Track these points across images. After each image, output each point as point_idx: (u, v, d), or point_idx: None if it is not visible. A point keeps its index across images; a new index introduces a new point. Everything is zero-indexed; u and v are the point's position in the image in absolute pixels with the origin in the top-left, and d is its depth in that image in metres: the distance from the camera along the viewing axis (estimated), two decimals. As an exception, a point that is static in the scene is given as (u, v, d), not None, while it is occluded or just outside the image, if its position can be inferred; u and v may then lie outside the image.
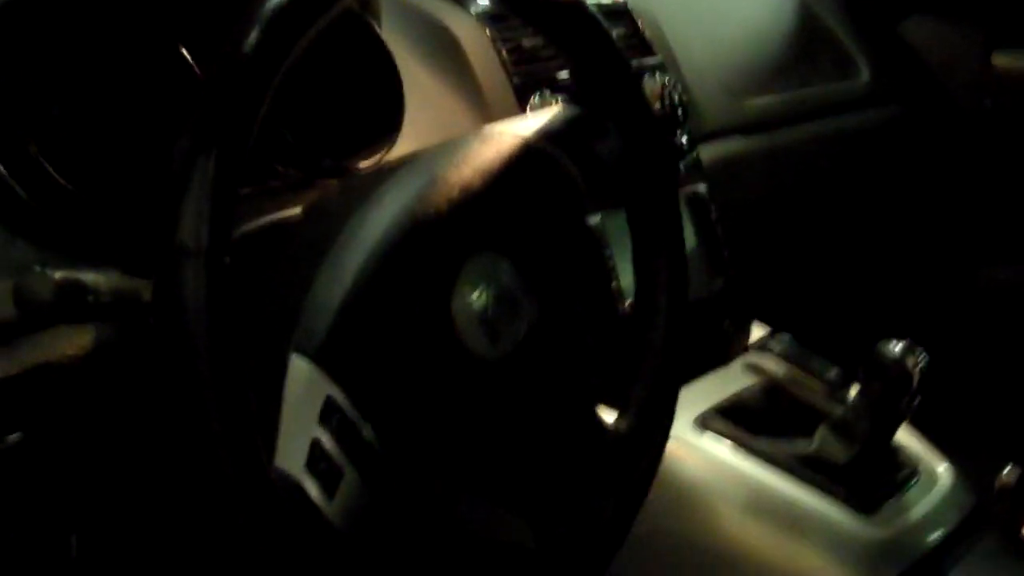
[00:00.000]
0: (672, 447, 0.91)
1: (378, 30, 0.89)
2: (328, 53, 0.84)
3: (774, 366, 1.07)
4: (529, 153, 0.74)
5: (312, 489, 0.59)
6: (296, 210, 0.73)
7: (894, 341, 0.97)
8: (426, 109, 0.93)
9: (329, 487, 0.59)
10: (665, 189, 0.80)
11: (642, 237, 0.79)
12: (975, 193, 1.63)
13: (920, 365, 0.96)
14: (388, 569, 0.64)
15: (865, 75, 1.49)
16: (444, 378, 0.66)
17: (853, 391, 1.00)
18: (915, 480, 1.02)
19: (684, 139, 1.15)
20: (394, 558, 0.65)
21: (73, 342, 0.66)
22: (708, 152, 1.19)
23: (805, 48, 1.44)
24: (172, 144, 0.59)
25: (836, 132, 1.44)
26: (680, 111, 1.14)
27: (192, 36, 0.77)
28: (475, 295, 0.67)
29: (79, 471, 0.70)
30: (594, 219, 0.92)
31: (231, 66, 0.55)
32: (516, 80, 1.00)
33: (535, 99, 1.00)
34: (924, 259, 1.66)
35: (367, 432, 0.61)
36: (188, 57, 0.76)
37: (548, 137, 0.76)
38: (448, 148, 0.72)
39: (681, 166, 1.14)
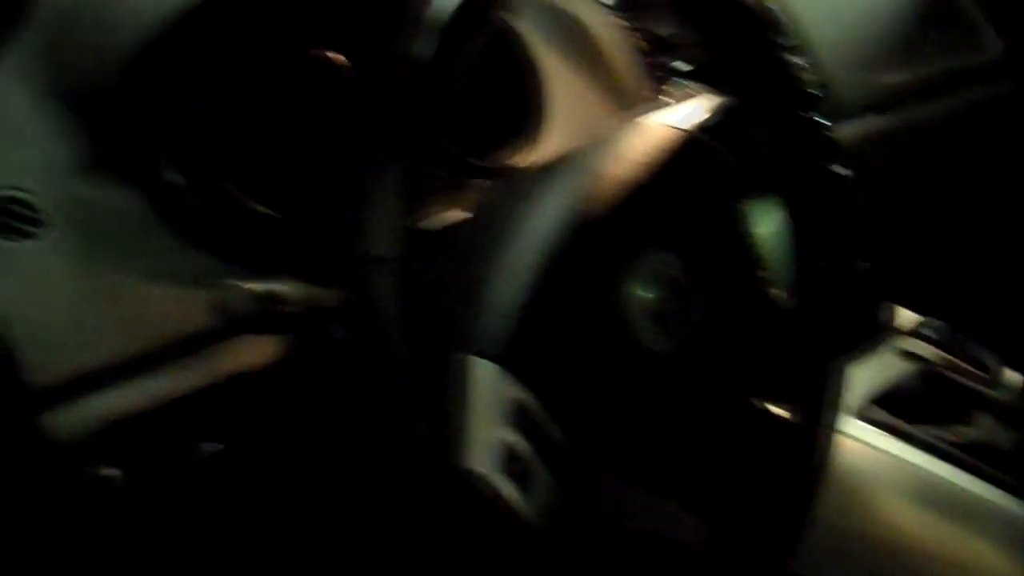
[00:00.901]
0: (841, 443, 0.90)
1: (512, 25, 0.89)
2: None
3: (929, 352, 1.05)
4: (687, 144, 0.73)
5: (507, 488, 0.59)
6: (453, 212, 0.74)
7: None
8: (565, 103, 0.92)
9: (523, 486, 0.59)
10: (825, 174, 0.79)
11: (801, 223, 0.78)
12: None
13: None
14: (577, 565, 0.64)
15: (997, 46, 1.45)
16: (619, 373, 0.66)
17: (1012, 376, 0.97)
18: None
19: (822, 119, 1.12)
20: (581, 554, 0.64)
21: (258, 351, 0.68)
22: (846, 132, 1.17)
23: (935, 21, 1.41)
24: (335, 153, 0.59)
25: (969, 105, 1.40)
26: (818, 90, 1.12)
27: (339, 42, 0.78)
28: (645, 289, 0.67)
29: (275, 478, 0.72)
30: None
31: (408, 76, 0.55)
32: (652, 69, 0.99)
33: (672, 88, 0.98)
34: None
35: (554, 431, 0.61)
36: (339, 64, 0.77)
37: (703, 127, 0.75)
38: (606, 143, 0.71)
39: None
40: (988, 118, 1.44)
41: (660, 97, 1.00)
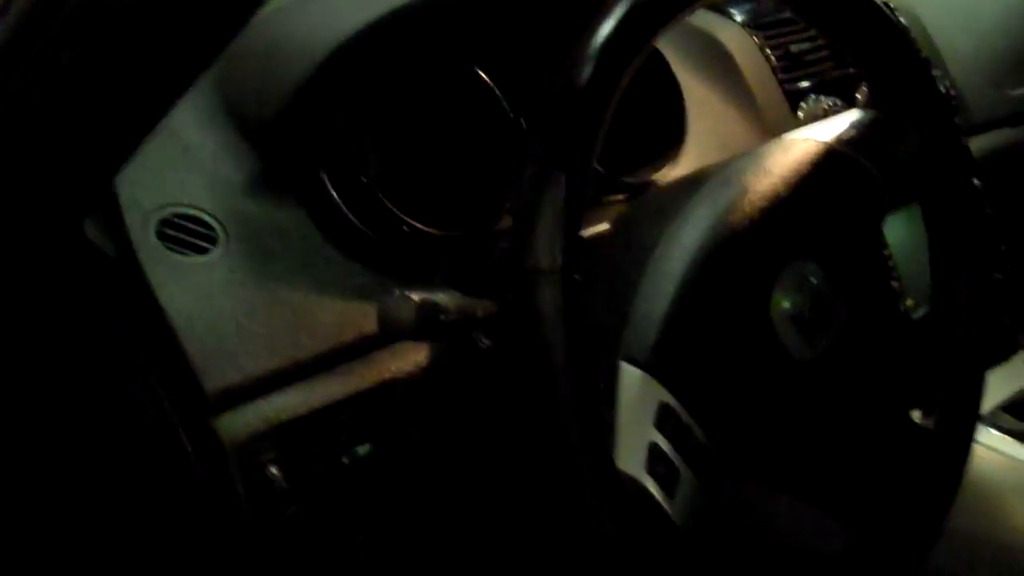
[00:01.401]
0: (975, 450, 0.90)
1: (656, 46, 0.91)
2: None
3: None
4: (832, 158, 0.74)
5: (654, 490, 0.61)
6: (600, 226, 0.76)
7: None
8: (703, 120, 0.94)
9: (669, 488, 0.62)
10: (966, 186, 0.80)
11: (943, 235, 0.79)
12: None
13: None
14: (719, 568, 0.66)
15: None
16: (765, 380, 0.68)
17: None
18: None
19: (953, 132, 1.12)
20: (725, 557, 0.66)
21: (412, 359, 0.71)
22: (976, 145, 1.17)
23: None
24: (487, 170, 0.62)
25: None
26: (951, 103, 1.12)
27: (490, 60, 0.82)
28: (790, 299, 0.69)
29: (421, 481, 0.75)
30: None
31: (573, 96, 0.58)
32: (787, 86, 1.01)
33: (808, 104, 1.00)
34: None
35: (700, 435, 0.63)
36: (489, 82, 0.80)
37: (849, 142, 0.76)
38: (752, 158, 0.73)
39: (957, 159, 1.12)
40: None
41: (796, 113, 1.02)
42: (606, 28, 0.58)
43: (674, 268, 0.66)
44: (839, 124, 0.78)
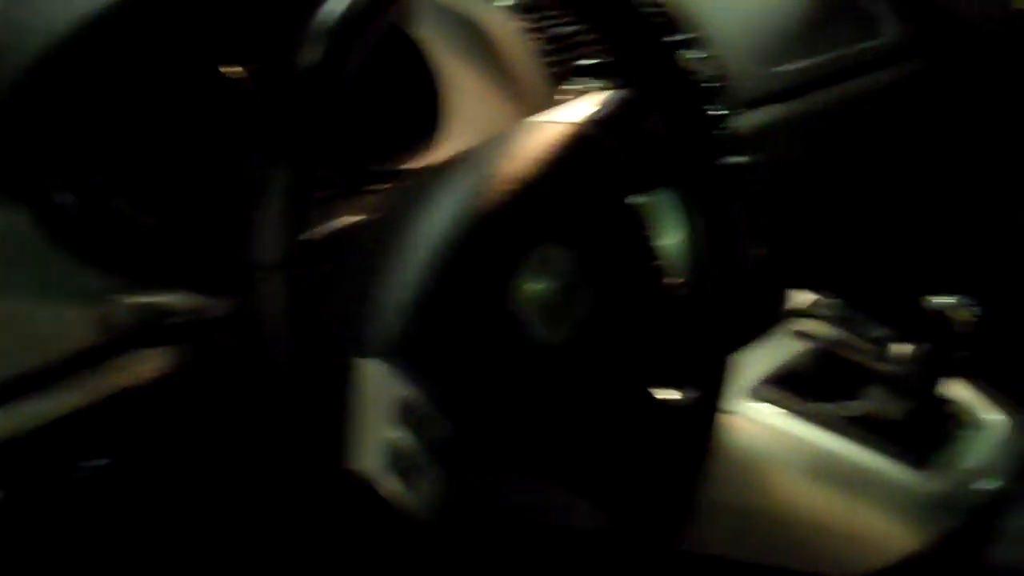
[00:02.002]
0: (727, 418, 0.95)
1: (411, 30, 0.91)
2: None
3: (822, 330, 1.09)
4: (578, 140, 0.76)
5: (394, 485, 0.62)
6: (350, 218, 0.76)
7: (943, 296, 0.99)
8: (464, 104, 0.95)
9: (411, 482, 0.62)
10: (713, 163, 0.82)
11: (693, 212, 0.81)
12: (1007, 139, 1.64)
13: (972, 317, 0.98)
14: (468, 558, 0.67)
15: (890, 32, 1.51)
16: (511, 367, 0.69)
17: (901, 349, 1.02)
18: (970, 431, 1.04)
19: (719, 111, 1.16)
20: (473, 547, 0.67)
21: (147, 366, 0.69)
22: (744, 122, 1.22)
23: (830, 10, 1.46)
24: (226, 164, 0.61)
25: (865, 92, 1.46)
26: (717, 83, 1.16)
27: (230, 55, 0.80)
28: (535, 285, 0.70)
29: (165, 490, 0.73)
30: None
31: (295, 83, 0.58)
32: (550, 69, 1.02)
33: (571, 86, 1.01)
34: (962, 210, 1.67)
35: (443, 427, 0.64)
36: (230, 76, 0.79)
37: (595, 122, 0.78)
38: (497, 143, 0.74)
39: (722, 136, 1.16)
40: (885, 102, 1.50)
41: (559, 95, 1.03)
42: (324, 18, 0.58)
43: (417, 260, 0.66)
44: (585, 105, 0.79)
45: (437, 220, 0.68)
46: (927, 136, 1.56)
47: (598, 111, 0.78)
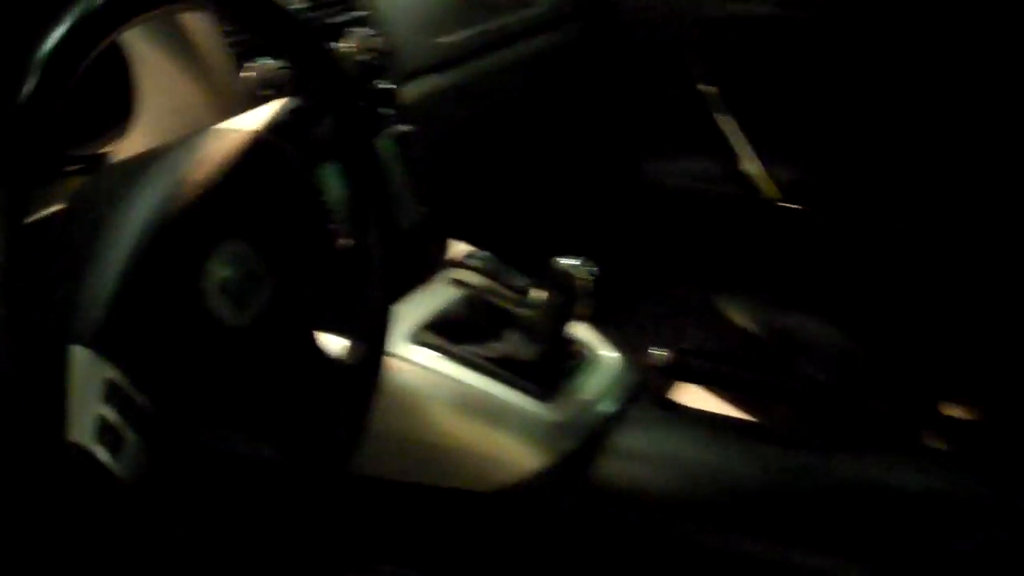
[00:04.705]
0: (391, 361, 1.11)
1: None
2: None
3: (473, 279, 1.28)
4: (257, 145, 0.88)
5: (102, 454, 0.73)
6: (58, 206, 0.84)
7: (568, 257, 1.19)
8: (158, 93, 1.03)
9: (116, 451, 0.74)
10: (365, 153, 0.97)
11: (353, 189, 0.95)
12: (633, 101, 1.90)
13: (590, 276, 1.19)
14: (170, 511, 0.80)
15: (543, 3, 1.69)
16: (202, 346, 0.81)
17: (537, 296, 1.22)
18: (588, 368, 1.27)
19: (386, 84, 1.30)
20: (174, 500, 0.80)
21: None
22: (409, 92, 1.36)
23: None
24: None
25: (518, 58, 1.64)
26: (383, 58, 1.29)
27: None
28: (222, 274, 0.82)
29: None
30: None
31: (10, 114, 0.66)
32: (244, 72, 1.11)
33: (262, 91, 1.11)
34: (597, 169, 1.92)
35: (142, 401, 0.76)
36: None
37: (272, 128, 0.90)
38: (188, 148, 0.85)
39: (387, 107, 1.30)
40: (535, 68, 1.69)
41: (243, 75, 1.13)
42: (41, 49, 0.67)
43: (117, 255, 0.77)
44: (264, 113, 0.91)
45: (135, 220, 0.79)
46: (570, 98, 1.78)
47: (275, 118, 0.90)
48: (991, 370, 1.64)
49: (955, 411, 1.68)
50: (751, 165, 1.82)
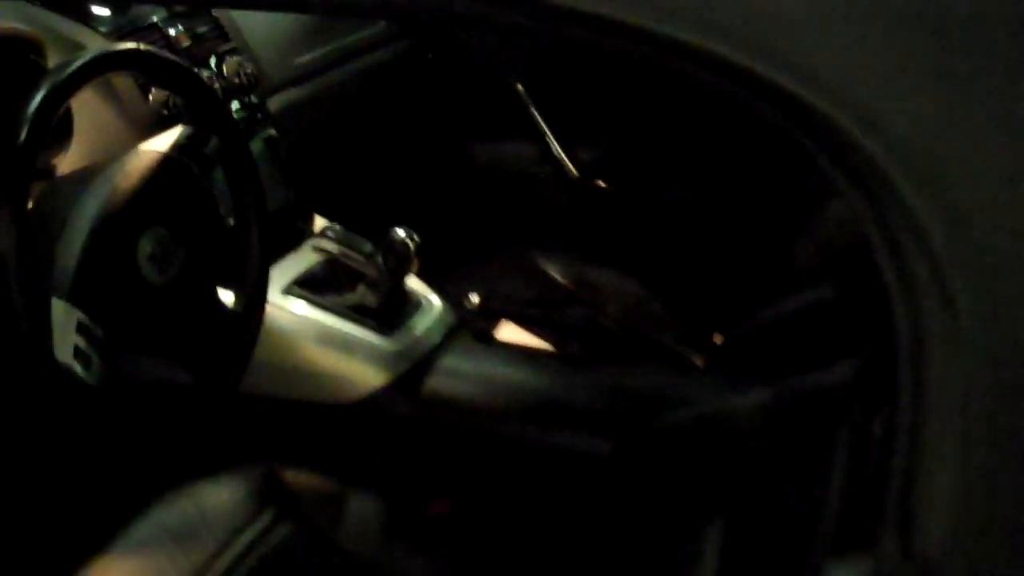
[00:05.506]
0: (271, 310, 1.50)
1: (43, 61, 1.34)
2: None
3: (330, 246, 1.66)
4: (168, 162, 1.26)
5: (78, 369, 1.11)
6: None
7: (399, 228, 1.59)
8: (91, 121, 1.39)
9: (87, 367, 1.12)
10: (242, 158, 1.34)
11: (235, 186, 1.34)
12: (460, 98, 2.27)
13: (414, 243, 1.59)
14: (125, 412, 1.18)
15: (379, 24, 2.02)
16: (137, 298, 1.20)
17: (379, 259, 1.61)
18: (420, 311, 1.66)
19: (256, 98, 1.68)
20: (127, 404, 1.18)
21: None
22: (275, 104, 1.71)
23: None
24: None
25: (362, 69, 1.96)
26: (252, 78, 1.67)
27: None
28: (149, 248, 1.20)
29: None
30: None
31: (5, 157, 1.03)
32: (151, 98, 1.47)
33: (165, 113, 1.47)
34: (433, 154, 2.29)
35: (101, 334, 1.14)
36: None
37: (177, 148, 1.28)
38: (120, 164, 1.22)
39: (258, 117, 1.68)
40: (379, 76, 2.06)
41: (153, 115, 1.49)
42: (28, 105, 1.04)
43: (77, 236, 1.14)
44: (171, 136, 1.29)
45: (85, 213, 1.16)
46: (406, 99, 2.16)
47: (178, 140, 1.28)
48: (742, 306, 2.06)
49: (718, 339, 2.11)
50: (557, 148, 2.18)
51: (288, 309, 1.58)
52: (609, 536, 1.50)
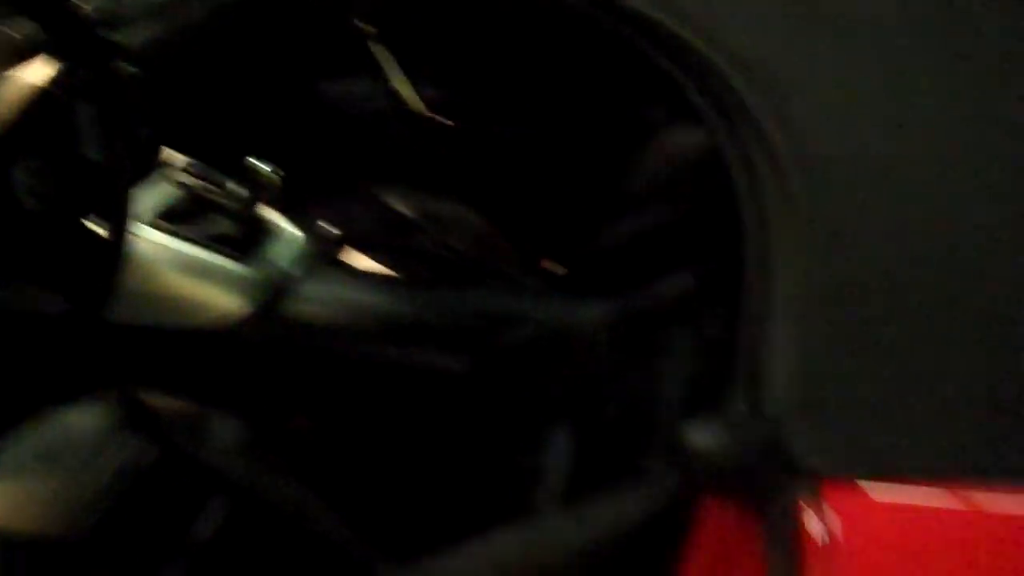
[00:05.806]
0: (133, 240, 1.57)
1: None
2: None
3: (191, 180, 1.74)
4: (43, 95, 1.32)
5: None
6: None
7: (258, 160, 1.68)
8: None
9: None
10: (109, 93, 1.41)
11: (101, 120, 1.40)
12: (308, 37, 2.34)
13: (275, 176, 1.69)
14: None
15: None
16: (15, 225, 1.27)
17: (238, 191, 1.70)
18: (277, 241, 1.77)
19: (116, 36, 1.72)
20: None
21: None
22: (134, 40, 1.77)
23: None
24: None
25: (218, 6, 2.04)
26: (111, 15, 1.71)
27: None
28: (24, 178, 1.27)
29: None
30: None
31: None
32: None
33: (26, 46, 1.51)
34: (283, 91, 2.35)
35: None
36: None
37: (52, 83, 1.34)
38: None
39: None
40: (231, 15, 2.11)
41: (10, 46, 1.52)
42: None
43: None
44: (40, 68, 1.34)
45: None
46: (262, 38, 2.21)
47: (51, 75, 1.34)
48: (580, 234, 2.21)
49: (552, 265, 2.27)
50: (402, 86, 2.32)
51: (151, 239, 1.65)
52: (461, 448, 1.64)
